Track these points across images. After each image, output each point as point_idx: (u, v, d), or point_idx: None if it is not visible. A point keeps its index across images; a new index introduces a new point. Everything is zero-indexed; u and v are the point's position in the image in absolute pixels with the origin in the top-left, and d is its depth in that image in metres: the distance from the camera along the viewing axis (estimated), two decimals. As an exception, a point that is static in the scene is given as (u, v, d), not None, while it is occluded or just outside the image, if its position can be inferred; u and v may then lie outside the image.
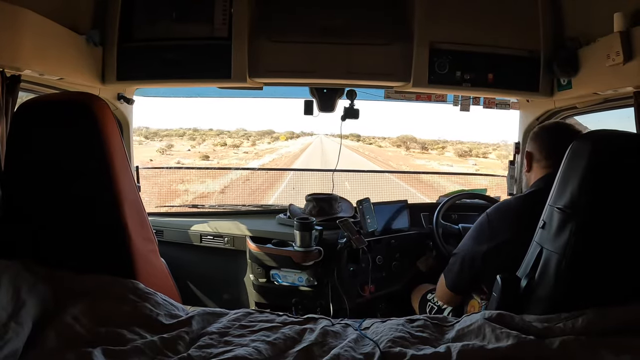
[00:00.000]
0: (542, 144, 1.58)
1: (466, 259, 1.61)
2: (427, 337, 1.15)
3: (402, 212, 2.45)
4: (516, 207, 1.58)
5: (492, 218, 1.58)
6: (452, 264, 1.68)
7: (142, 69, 2.00)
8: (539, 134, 1.62)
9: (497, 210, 1.60)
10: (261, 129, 73.66)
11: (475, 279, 1.61)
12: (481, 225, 1.60)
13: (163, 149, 39.17)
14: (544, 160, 1.57)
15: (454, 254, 1.68)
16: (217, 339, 1.14)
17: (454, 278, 1.67)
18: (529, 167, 1.63)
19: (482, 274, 1.56)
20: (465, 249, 1.63)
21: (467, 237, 1.65)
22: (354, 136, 72.94)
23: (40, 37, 1.52)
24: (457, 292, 1.70)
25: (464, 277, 1.63)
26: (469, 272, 1.61)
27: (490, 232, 1.55)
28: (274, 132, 63.38)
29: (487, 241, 1.54)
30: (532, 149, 1.62)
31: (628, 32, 1.50)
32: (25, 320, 1.04)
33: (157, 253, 1.52)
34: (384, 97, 2.41)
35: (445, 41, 2.00)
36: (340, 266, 2.23)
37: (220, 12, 1.98)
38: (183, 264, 2.43)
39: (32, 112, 1.30)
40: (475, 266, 1.57)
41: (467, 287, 1.67)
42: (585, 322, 1.07)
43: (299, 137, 69.20)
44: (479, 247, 1.56)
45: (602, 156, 1.12)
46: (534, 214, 1.29)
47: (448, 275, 1.70)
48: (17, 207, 1.29)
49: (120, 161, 1.32)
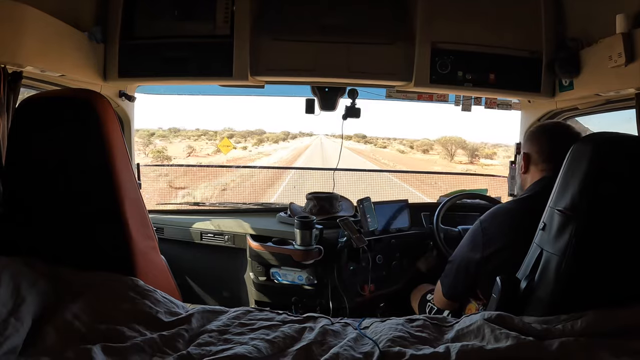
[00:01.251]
0: (541, 146, 1.56)
1: (461, 267, 1.59)
2: (426, 337, 1.15)
3: (403, 212, 2.45)
4: (510, 214, 1.55)
5: (486, 226, 1.55)
6: (448, 271, 1.67)
7: (143, 66, 2.00)
8: (538, 135, 1.59)
9: (490, 217, 1.57)
10: (249, 128, 56.50)
11: (470, 286, 1.59)
12: (475, 233, 1.57)
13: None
14: (542, 164, 1.55)
15: (450, 261, 1.67)
16: (216, 336, 1.14)
17: (450, 285, 1.66)
18: (526, 168, 1.60)
19: (477, 281, 1.55)
20: (459, 256, 1.61)
21: (462, 245, 1.63)
22: (358, 137, 56.59)
23: (42, 34, 1.52)
24: (453, 299, 1.69)
25: (459, 283, 1.62)
26: (464, 280, 1.59)
27: (485, 240, 1.52)
28: (265, 132, 51.18)
29: (481, 249, 1.52)
30: (530, 150, 1.59)
31: (630, 33, 1.50)
32: (25, 316, 1.05)
33: (158, 250, 1.52)
34: (386, 97, 2.41)
35: (447, 41, 2.00)
36: (340, 265, 2.23)
37: (222, 10, 1.98)
38: (183, 261, 2.43)
39: (34, 108, 1.30)
40: (470, 274, 1.56)
41: (463, 294, 1.65)
42: (584, 323, 1.07)
43: (294, 139, 52.98)
44: (473, 255, 1.54)
45: (603, 159, 1.12)
46: (529, 219, 1.29)
47: (444, 282, 1.69)
48: (18, 203, 1.29)
49: (121, 158, 1.32)
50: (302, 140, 49.46)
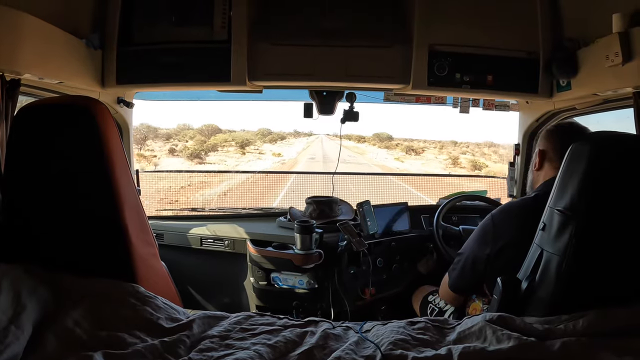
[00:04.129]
0: (557, 143, 1.56)
1: (469, 260, 1.61)
2: (428, 339, 1.15)
3: (403, 215, 2.45)
4: (521, 209, 1.56)
5: (497, 220, 1.57)
6: (456, 263, 1.69)
7: (141, 72, 2.00)
8: (556, 133, 1.61)
9: (501, 212, 1.60)
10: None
11: (477, 280, 1.61)
12: (485, 227, 1.59)
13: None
14: (557, 161, 1.54)
15: (459, 253, 1.69)
16: (218, 342, 1.14)
17: (456, 278, 1.68)
18: (540, 165, 1.61)
19: (484, 275, 1.56)
20: (469, 250, 1.63)
21: (472, 239, 1.65)
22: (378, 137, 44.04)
23: (40, 41, 1.53)
24: (459, 293, 1.71)
25: (466, 278, 1.64)
26: (472, 274, 1.61)
27: (494, 235, 1.54)
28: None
29: (491, 243, 1.53)
30: (546, 147, 1.60)
31: (627, 32, 1.50)
32: (25, 324, 1.04)
33: (158, 256, 1.52)
34: (384, 100, 2.42)
35: (445, 43, 2.00)
36: (341, 269, 2.22)
37: (220, 16, 1.98)
38: (183, 267, 2.43)
39: (32, 116, 1.31)
40: (478, 268, 1.57)
41: (469, 288, 1.67)
42: (586, 323, 1.07)
43: (283, 140, 41.22)
44: (482, 249, 1.56)
45: (602, 158, 1.12)
46: (536, 217, 1.29)
47: (451, 274, 1.71)
48: (18, 211, 1.29)
49: (120, 165, 1.32)
50: (298, 144, 42.56)
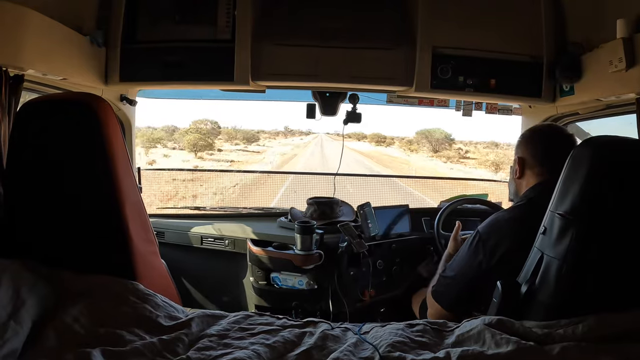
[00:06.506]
0: (535, 148, 1.54)
1: (463, 279, 1.53)
2: (426, 342, 1.15)
3: (403, 217, 2.45)
4: (509, 223, 1.50)
5: (485, 237, 1.49)
6: (445, 285, 1.59)
7: (145, 70, 2.00)
8: (532, 138, 1.57)
9: (488, 226, 1.52)
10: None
11: (472, 295, 1.52)
12: (475, 244, 1.51)
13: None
14: (537, 167, 1.52)
15: (445, 276, 1.60)
16: (216, 341, 1.14)
17: (451, 298, 1.58)
18: (521, 173, 1.57)
19: (479, 290, 1.48)
20: (459, 269, 1.55)
21: (461, 257, 1.56)
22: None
23: (43, 37, 1.53)
24: (456, 311, 1.58)
25: (462, 295, 1.55)
26: (467, 291, 1.53)
27: (484, 251, 1.47)
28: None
29: (482, 259, 1.47)
30: (524, 154, 1.57)
31: (631, 38, 1.50)
32: (24, 319, 1.05)
33: (158, 254, 1.52)
34: (387, 102, 2.42)
35: (448, 46, 2.00)
36: (341, 270, 2.22)
37: (224, 15, 1.98)
38: (183, 265, 2.43)
39: (35, 112, 1.31)
40: (474, 285, 1.50)
41: (466, 303, 1.57)
42: (585, 328, 1.06)
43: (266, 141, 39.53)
44: (477, 267, 1.48)
45: (603, 163, 1.12)
46: (527, 226, 1.28)
47: (442, 298, 1.60)
48: (19, 206, 1.30)
49: (122, 162, 1.32)
50: (292, 146, 42.79)
